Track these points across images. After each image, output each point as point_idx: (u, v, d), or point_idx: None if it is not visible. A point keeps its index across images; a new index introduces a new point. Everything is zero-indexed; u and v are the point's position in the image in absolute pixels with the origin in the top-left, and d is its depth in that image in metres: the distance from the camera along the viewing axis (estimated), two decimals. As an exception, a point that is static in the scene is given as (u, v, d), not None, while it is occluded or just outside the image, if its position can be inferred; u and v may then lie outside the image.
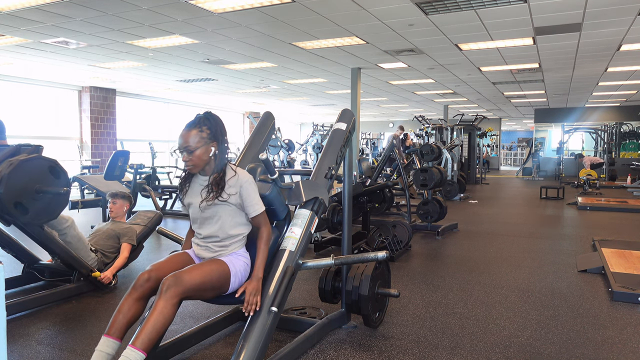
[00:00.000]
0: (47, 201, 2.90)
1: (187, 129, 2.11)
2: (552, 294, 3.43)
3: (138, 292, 1.99)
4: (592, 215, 7.45)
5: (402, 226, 4.79)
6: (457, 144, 11.40)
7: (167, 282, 1.91)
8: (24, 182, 2.74)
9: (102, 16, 5.89)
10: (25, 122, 11.50)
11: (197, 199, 2.18)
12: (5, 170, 2.65)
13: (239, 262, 2.18)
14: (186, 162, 2.13)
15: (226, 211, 2.17)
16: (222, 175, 2.17)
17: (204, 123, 2.13)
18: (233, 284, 2.14)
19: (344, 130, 2.82)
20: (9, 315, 2.86)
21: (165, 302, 1.88)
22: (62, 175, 2.97)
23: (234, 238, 2.21)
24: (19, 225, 2.90)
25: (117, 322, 1.95)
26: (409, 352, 2.46)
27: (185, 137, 2.10)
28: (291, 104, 16.73)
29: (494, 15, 5.78)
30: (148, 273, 2.02)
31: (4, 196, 2.63)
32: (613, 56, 8.23)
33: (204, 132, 2.11)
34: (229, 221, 2.18)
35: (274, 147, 10.59)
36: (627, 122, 17.58)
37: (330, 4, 5.41)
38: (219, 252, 2.19)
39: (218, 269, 2.09)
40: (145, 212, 4.21)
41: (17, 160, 2.71)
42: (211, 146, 2.13)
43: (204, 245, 2.23)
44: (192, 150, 2.10)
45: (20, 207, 2.74)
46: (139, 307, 1.99)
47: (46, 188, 2.83)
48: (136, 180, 6.28)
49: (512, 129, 31.17)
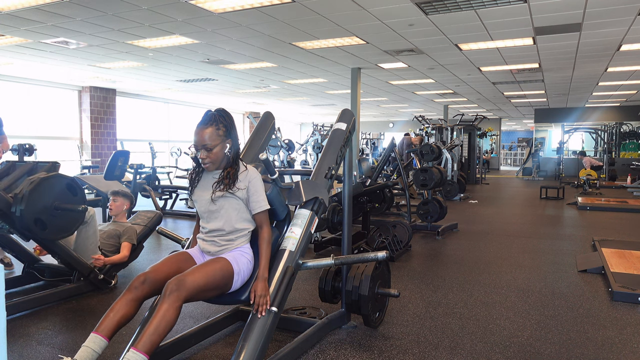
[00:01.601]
0: (65, 217, 3.00)
1: (203, 126, 2.13)
2: (552, 294, 3.43)
3: (133, 293, 1.99)
4: (592, 215, 7.45)
5: (402, 226, 4.79)
6: (457, 144, 11.40)
7: (170, 286, 1.91)
8: (43, 199, 2.86)
9: (102, 16, 5.89)
10: (25, 122, 11.50)
11: (208, 192, 2.20)
12: (26, 187, 2.78)
13: (242, 259, 2.18)
14: (203, 159, 2.15)
15: (233, 205, 2.19)
16: (236, 169, 2.20)
17: (220, 121, 2.15)
18: (236, 283, 2.15)
19: (344, 130, 2.82)
20: (9, 315, 2.86)
21: (168, 306, 1.87)
22: (79, 192, 3.10)
23: (239, 232, 2.21)
24: (38, 240, 3.01)
25: (108, 320, 1.94)
26: (409, 352, 2.46)
27: (202, 135, 2.12)
28: (291, 104, 16.74)
29: (494, 15, 5.78)
30: (144, 275, 2.02)
31: (25, 213, 2.74)
32: (613, 56, 8.23)
33: (221, 130, 2.15)
34: (235, 215, 2.20)
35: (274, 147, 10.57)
36: (627, 122, 17.58)
37: (330, 4, 5.41)
38: (224, 246, 2.20)
39: (222, 269, 2.09)
40: (145, 212, 4.21)
41: (37, 179, 2.84)
42: (227, 143, 2.17)
43: (209, 240, 2.23)
44: (210, 148, 2.13)
45: (39, 223, 2.85)
46: (131, 308, 1.99)
47: (64, 205, 2.95)
48: (136, 180, 6.27)
49: (512, 129, 31.16)
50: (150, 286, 2.01)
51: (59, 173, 3.06)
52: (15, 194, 2.77)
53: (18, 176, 3.05)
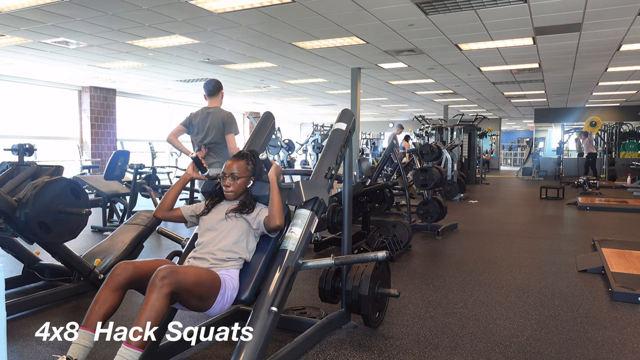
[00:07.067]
0: (69, 221, 3.01)
1: (235, 159, 2.41)
2: (552, 294, 3.43)
3: (115, 281, 1.96)
4: (592, 215, 7.45)
5: (402, 226, 4.79)
6: (457, 144, 11.39)
7: (160, 273, 1.88)
8: (47, 203, 2.87)
9: (102, 16, 5.89)
10: (25, 122, 11.50)
11: (219, 216, 2.34)
12: (30, 191, 2.80)
13: (229, 283, 2.17)
14: (228, 186, 2.36)
15: (240, 225, 2.29)
16: (254, 203, 2.39)
17: (250, 158, 2.43)
18: (216, 303, 2.11)
19: (344, 130, 2.81)
20: (9, 315, 2.86)
21: (156, 295, 1.85)
22: (82, 195, 3.11)
23: (234, 254, 2.23)
24: (42, 243, 3.01)
25: (94, 313, 1.92)
26: (409, 352, 2.46)
27: (232, 166, 2.37)
28: (291, 104, 16.73)
29: (494, 15, 5.78)
30: (125, 263, 2.01)
31: (30, 216, 2.76)
32: (613, 56, 8.23)
33: (249, 166, 2.41)
34: (238, 236, 2.27)
35: (274, 147, 10.58)
36: (627, 122, 17.57)
37: (330, 4, 5.41)
38: (215, 265, 2.20)
39: (212, 278, 2.09)
40: (145, 212, 4.20)
41: (41, 182, 2.86)
42: (250, 179, 2.40)
43: (200, 257, 2.24)
44: (237, 177, 2.36)
45: (44, 226, 2.86)
46: (115, 298, 1.96)
47: (69, 209, 2.97)
48: (136, 180, 6.27)
49: (512, 129, 31.15)
50: (132, 273, 1.99)
51: (63, 177, 3.08)
52: (20, 198, 2.78)
53: (21, 180, 3.08)
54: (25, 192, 2.81)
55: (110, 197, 6.18)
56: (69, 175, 5.86)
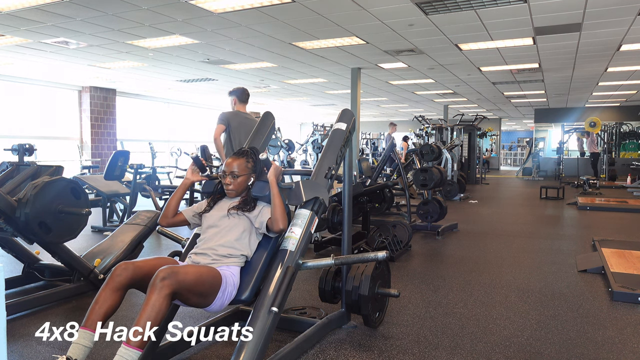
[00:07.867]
0: (69, 221, 3.01)
1: (235, 157, 2.41)
2: (552, 294, 3.43)
3: (115, 281, 1.96)
4: (592, 215, 7.45)
5: (402, 226, 4.78)
6: (457, 144, 11.40)
7: (161, 274, 1.88)
8: (47, 203, 2.87)
9: (102, 16, 5.89)
10: (26, 122, 11.50)
11: (221, 213, 2.35)
12: (30, 191, 2.80)
13: (230, 280, 2.17)
14: (228, 184, 2.37)
15: (243, 223, 2.30)
16: (256, 201, 2.41)
17: (250, 156, 2.44)
18: (217, 300, 2.12)
19: (344, 130, 2.81)
20: (9, 315, 2.86)
21: (157, 295, 1.85)
22: (82, 195, 3.11)
23: (235, 251, 2.23)
24: (42, 243, 3.02)
25: (94, 313, 1.92)
26: (409, 352, 2.46)
27: (232, 164, 2.38)
28: (291, 104, 16.73)
29: (494, 15, 5.78)
30: (126, 264, 2.01)
31: (30, 216, 2.76)
32: (613, 56, 8.23)
33: (249, 164, 2.41)
34: (239, 233, 2.27)
35: (274, 147, 10.59)
36: (627, 122, 17.57)
37: (330, 4, 5.41)
38: (215, 260, 2.21)
39: (214, 275, 2.09)
40: (145, 212, 4.20)
41: (41, 182, 2.86)
42: (251, 177, 2.41)
43: (202, 253, 2.25)
44: (237, 175, 2.36)
45: (44, 226, 2.86)
46: (116, 298, 1.97)
47: (68, 209, 2.97)
48: (136, 180, 6.27)
49: (512, 129, 31.15)
50: (133, 273, 1.99)
51: (63, 177, 3.07)
52: (20, 198, 2.78)
53: (21, 180, 3.08)
54: (25, 192, 2.81)
55: (110, 197, 6.18)
56: (69, 175, 5.86)
